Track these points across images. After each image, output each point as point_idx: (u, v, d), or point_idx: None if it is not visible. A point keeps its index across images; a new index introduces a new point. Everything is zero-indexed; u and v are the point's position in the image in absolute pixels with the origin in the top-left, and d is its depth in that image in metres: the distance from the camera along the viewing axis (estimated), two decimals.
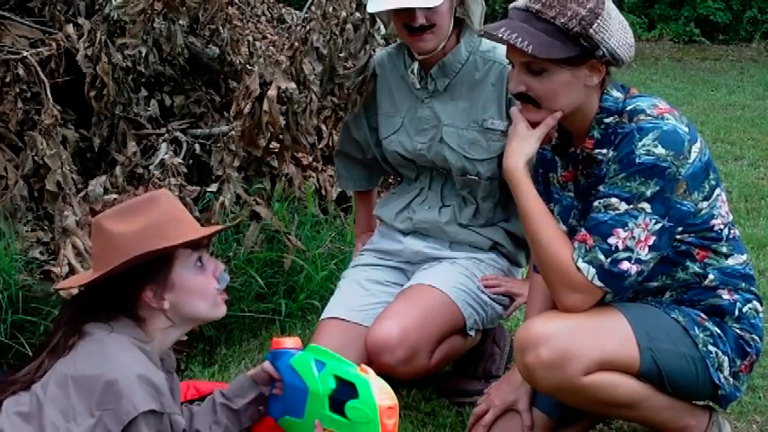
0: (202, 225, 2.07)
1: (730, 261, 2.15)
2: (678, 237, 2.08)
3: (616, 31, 2.01)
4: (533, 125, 2.13)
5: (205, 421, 2.00)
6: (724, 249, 2.14)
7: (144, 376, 1.77)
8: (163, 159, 3.09)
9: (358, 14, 2.79)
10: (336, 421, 1.87)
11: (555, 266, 2.07)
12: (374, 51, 2.79)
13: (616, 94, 2.11)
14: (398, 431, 2.50)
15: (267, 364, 2.02)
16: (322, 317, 2.65)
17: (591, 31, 1.97)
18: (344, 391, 1.87)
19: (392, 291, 2.66)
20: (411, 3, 2.44)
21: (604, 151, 2.09)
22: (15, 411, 1.78)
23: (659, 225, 2.01)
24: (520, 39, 1.98)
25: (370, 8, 2.54)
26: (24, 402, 1.79)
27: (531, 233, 2.12)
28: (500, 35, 2.00)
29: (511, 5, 2.08)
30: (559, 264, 2.06)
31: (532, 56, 1.99)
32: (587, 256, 2.02)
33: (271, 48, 3.33)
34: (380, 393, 1.85)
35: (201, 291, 1.91)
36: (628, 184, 2.00)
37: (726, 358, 2.12)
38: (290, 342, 2.01)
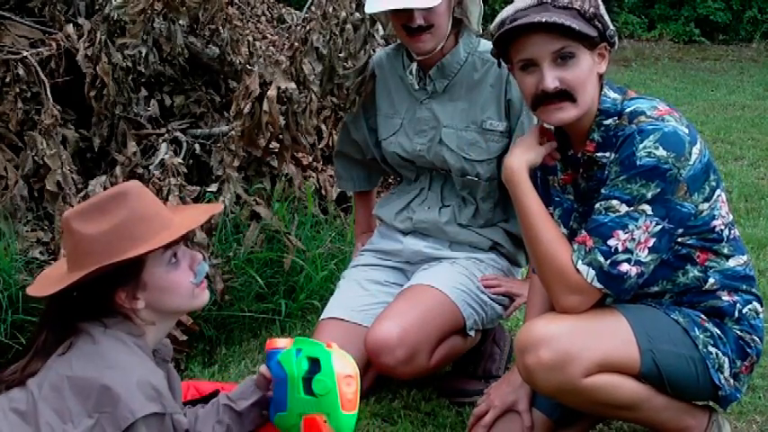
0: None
1: (731, 262, 2.15)
2: (679, 239, 2.08)
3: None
4: (556, 138, 2.17)
5: (208, 422, 2.00)
6: (725, 250, 2.13)
7: (143, 380, 1.75)
8: (163, 159, 3.09)
9: (358, 14, 2.80)
10: (308, 402, 1.88)
11: (554, 267, 2.06)
12: (374, 51, 2.79)
13: (613, 95, 2.11)
14: (398, 431, 2.52)
15: (263, 367, 2.02)
16: (322, 317, 2.65)
17: (600, 11, 2.02)
18: (313, 369, 1.89)
19: (392, 291, 2.66)
20: (409, 3, 2.43)
21: (607, 154, 2.09)
22: (12, 408, 1.77)
23: (659, 227, 2.01)
24: (555, 17, 1.96)
25: (368, 9, 2.54)
26: (21, 399, 1.78)
27: (530, 233, 2.12)
28: (537, 19, 1.97)
29: (517, 9, 2.04)
30: (558, 264, 2.06)
31: (563, 36, 1.98)
32: (587, 257, 2.02)
33: (271, 48, 3.33)
34: (340, 363, 1.88)
35: (175, 287, 1.88)
36: (628, 185, 2.00)
37: (726, 359, 2.12)
38: (283, 342, 2.02)
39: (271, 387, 2.00)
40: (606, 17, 2.05)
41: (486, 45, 2.62)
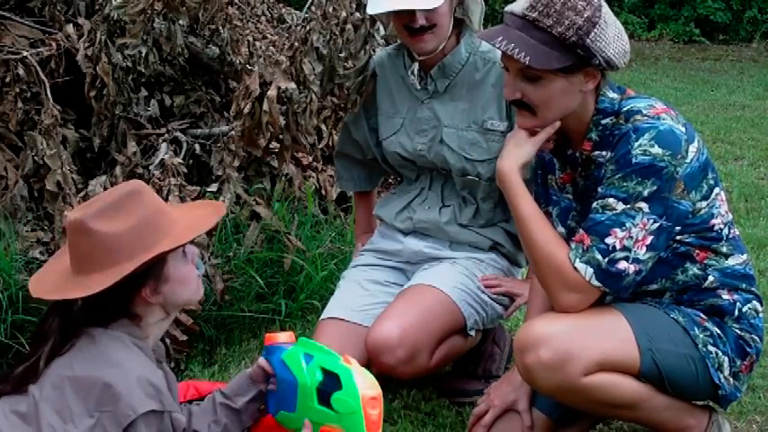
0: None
1: (730, 261, 2.15)
2: (678, 237, 2.08)
3: (612, 39, 2.00)
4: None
5: (204, 421, 2.00)
6: (724, 249, 2.14)
7: (143, 377, 1.77)
8: (163, 159, 3.09)
9: (358, 14, 2.79)
10: (324, 413, 1.88)
11: (552, 267, 2.07)
12: (374, 51, 2.79)
13: (612, 95, 2.11)
14: (398, 431, 2.52)
15: (262, 360, 2.03)
16: (322, 317, 2.65)
17: (588, 40, 1.97)
18: (330, 383, 1.88)
19: (392, 291, 2.66)
20: (411, 4, 2.43)
21: (604, 153, 2.09)
22: (13, 410, 1.77)
23: (657, 225, 2.01)
24: (517, 49, 1.97)
25: (371, 10, 2.54)
26: (21, 401, 1.79)
27: (527, 235, 2.12)
28: (497, 45, 2.00)
29: (507, 9, 2.07)
30: (556, 264, 2.06)
31: (529, 66, 1.99)
32: (584, 256, 2.03)
33: (271, 48, 3.33)
34: (364, 383, 1.87)
35: (188, 279, 1.93)
36: (624, 184, 2.00)
37: (726, 358, 2.12)
38: (284, 336, 2.02)
39: (272, 382, 2.01)
40: (599, 44, 1.98)
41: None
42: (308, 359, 1.93)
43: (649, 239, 2.01)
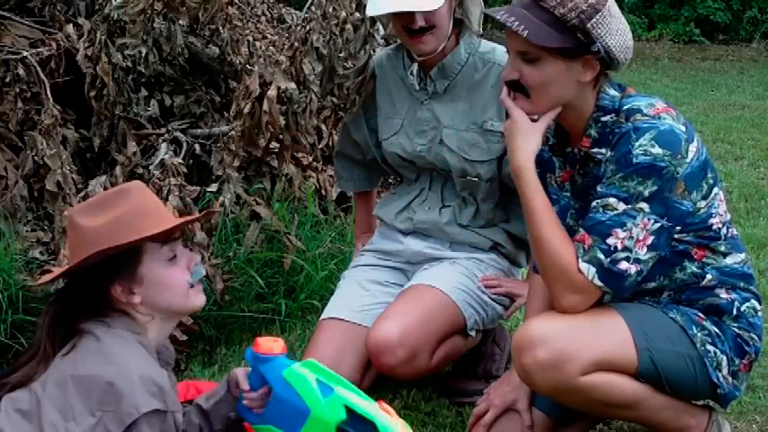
0: (183, 216, 2.07)
1: (728, 260, 2.15)
2: (676, 236, 2.08)
3: (615, 31, 2.02)
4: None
5: (186, 420, 1.98)
6: (722, 248, 2.14)
7: (146, 376, 1.76)
8: (163, 159, 3.09)
9: (358, 14, 2.80)
10: None
11: (556, 266, 2.06)
12: (374, 51, 2.79)
13: (613, 92, 2.11)
14: None
15: (240, 374, 1.97)
16: (322, 317, 2.65)
17: (588, 25, 1.99)
18: (357, 426, 1.78)
19: (392, 291, 2.66)
20: (410, 6, 2.43)
21: (603, 151, 2.09)
22: (15, 408, 1.78)
23: (658, 225, 2.01)
24: (517, 23, 1.99)
25: (370, 12, 2.54)
26: (23, 399, 1.79)
27: (535, 230, 2.10)
28: (499, 17, 2.02)
29: None
30: (561, 263, 2.05)
31: (527, 41, 2.00)
32: (586, 255, 2.02)
33: (271, 48, 3.33)
34: None
35: (171, 284, 1.89)
36: (625, 183, 2.00)
37: (724, 357, 2.12)
38: (277, 347, 1.91)
39: (259, 395, 1.94)
40: (600, 31, 1.99)
41: (487, 46, 2.62)
42: (326, 391, 1.81)
43: (650, 239, 2.01)
